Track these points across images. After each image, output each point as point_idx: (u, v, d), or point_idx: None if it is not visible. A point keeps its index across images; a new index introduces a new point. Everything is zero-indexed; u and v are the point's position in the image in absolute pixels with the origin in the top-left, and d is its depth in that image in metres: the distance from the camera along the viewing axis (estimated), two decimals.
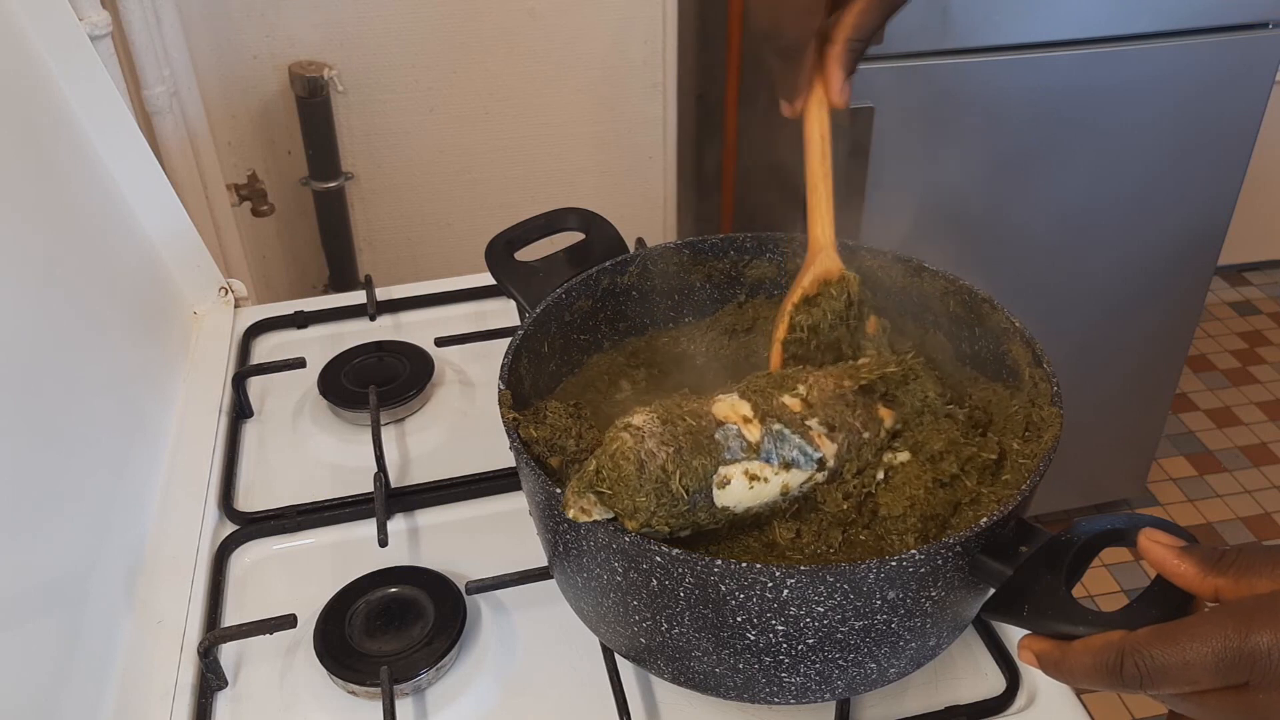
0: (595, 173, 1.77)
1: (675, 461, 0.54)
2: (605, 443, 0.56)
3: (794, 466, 0.58)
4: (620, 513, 0.54)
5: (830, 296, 0.68)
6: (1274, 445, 2.30)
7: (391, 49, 1.58)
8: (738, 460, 0.56)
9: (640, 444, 0.54)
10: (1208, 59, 1.58)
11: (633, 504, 0.53)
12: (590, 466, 0.55)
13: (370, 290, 1.04)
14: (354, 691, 0.66)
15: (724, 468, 0.56)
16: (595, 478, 0.54)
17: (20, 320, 0.69)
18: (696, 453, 0.55)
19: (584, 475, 0.54)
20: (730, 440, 0.56)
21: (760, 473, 0.57)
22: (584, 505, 0.54)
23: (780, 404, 0.59)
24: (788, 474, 0.58)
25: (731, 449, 0.56)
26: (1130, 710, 1.76)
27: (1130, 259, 1.75)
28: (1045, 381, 0.64)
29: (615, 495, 0.54)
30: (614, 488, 0.54)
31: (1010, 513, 0.54)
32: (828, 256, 0.68)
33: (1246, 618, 0.41)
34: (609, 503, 0.54)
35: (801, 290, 0.68)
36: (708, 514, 0.56)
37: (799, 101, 0.65)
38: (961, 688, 0.68)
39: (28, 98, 0.82)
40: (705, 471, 0.55)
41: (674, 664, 0.59)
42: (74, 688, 0.63)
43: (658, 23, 1.66)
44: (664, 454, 0.54)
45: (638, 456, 0.54)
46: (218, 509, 0.81)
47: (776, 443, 0.57)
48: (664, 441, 0.55)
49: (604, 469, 0.54)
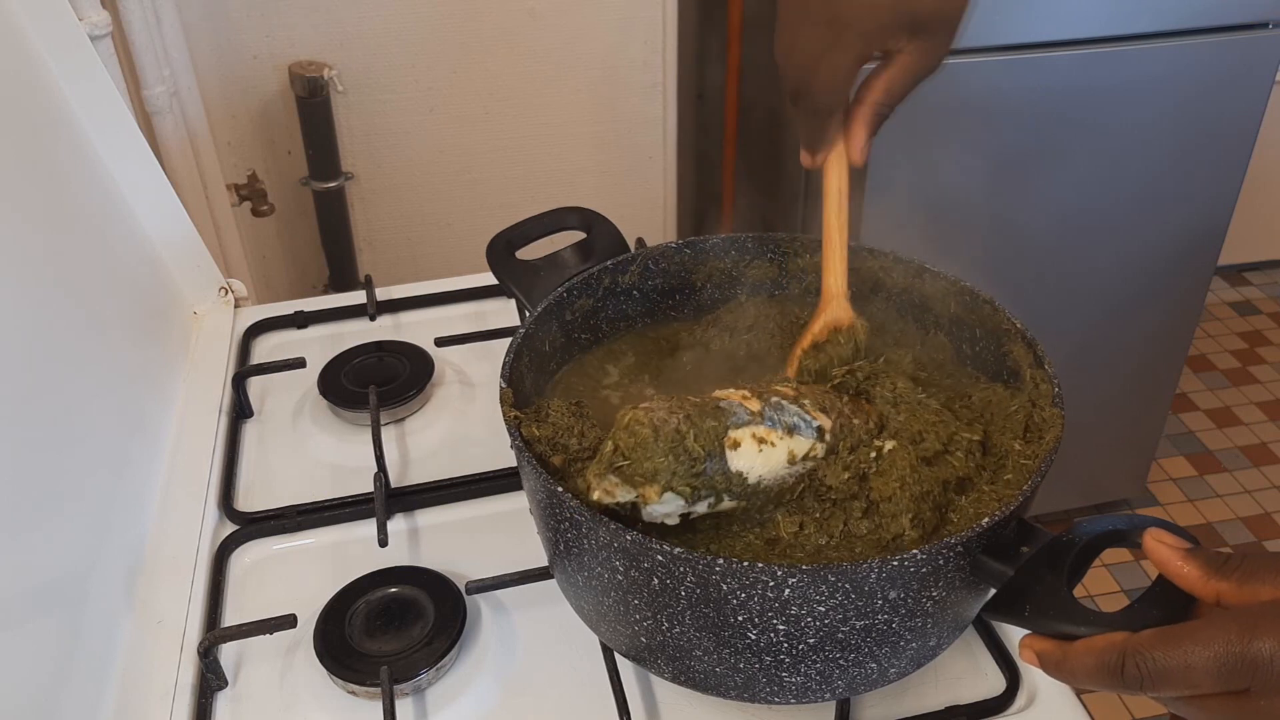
0: (595, 173, 1.77)
1: (687, 424, 0.56)
2: (616, 422, 0.57)
3: (796, 433, 0.60)
4: (641, 478, 0.55)
5: (838, 344, 0.70)
6: (1274, 445, 2.30)
7: (391, 49, 1.58)
8: (744, 424, 0.58)
9: (651, 414, 0.56)
10: (1208, 59, 1.58)
11: (652, 466, 0.55)
12: (607, 448, 0.56)
13: (370, 290, 1.04)
14: (354, 691, 0.66)
15: (733, 430, 0.58)
16: (614, 455, 0.56)
17: (20, 320, 0.69)
18: (705, 417, 0.57)
19: (602, 458, 0.56)
20: (735, 409, 0.59)
21: (767, 436, 0.58)
22: (606, 487, 0.56)
23: (774, 389, 0.62)
24: (791, 440, 0.59)
25: (737, 415, 0.58)
26: (1130, 711, 1.76)
27: (1130, 259, 1.75)
28: (1046, 382, 0.64)
29: (634, 462, 0.55)
30: (631, 454, 0.55)
31: (1011, 513, 0.54)
32: (839, 305, 0.70)
33: (1250, 624, 0.42)
34: (629, 473, 0.55)
35: (811, 336, 0.70)
36: (724, 479, 0.57)
37: (821, 156, 0.67)
38: (961, 688, 0.68)
39: (28, 98, 0.82)
40: (716, 432, 0.57)
41: (674, 663, 0.59)
42: (74, 688, 0.63)
43: (658, 23, 1.66)
44: (675, 419, 0.56)
45: (651, 422, 0.56)
46: (218, 509, 0.81)
47: (776, 411, 0.60)
48: (672, 411, 0.57)
49: (620, 442, 0.56)
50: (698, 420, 0.57)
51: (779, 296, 0.80)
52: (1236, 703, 0.42)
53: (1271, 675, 0.40)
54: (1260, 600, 0.43)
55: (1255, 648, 0.41)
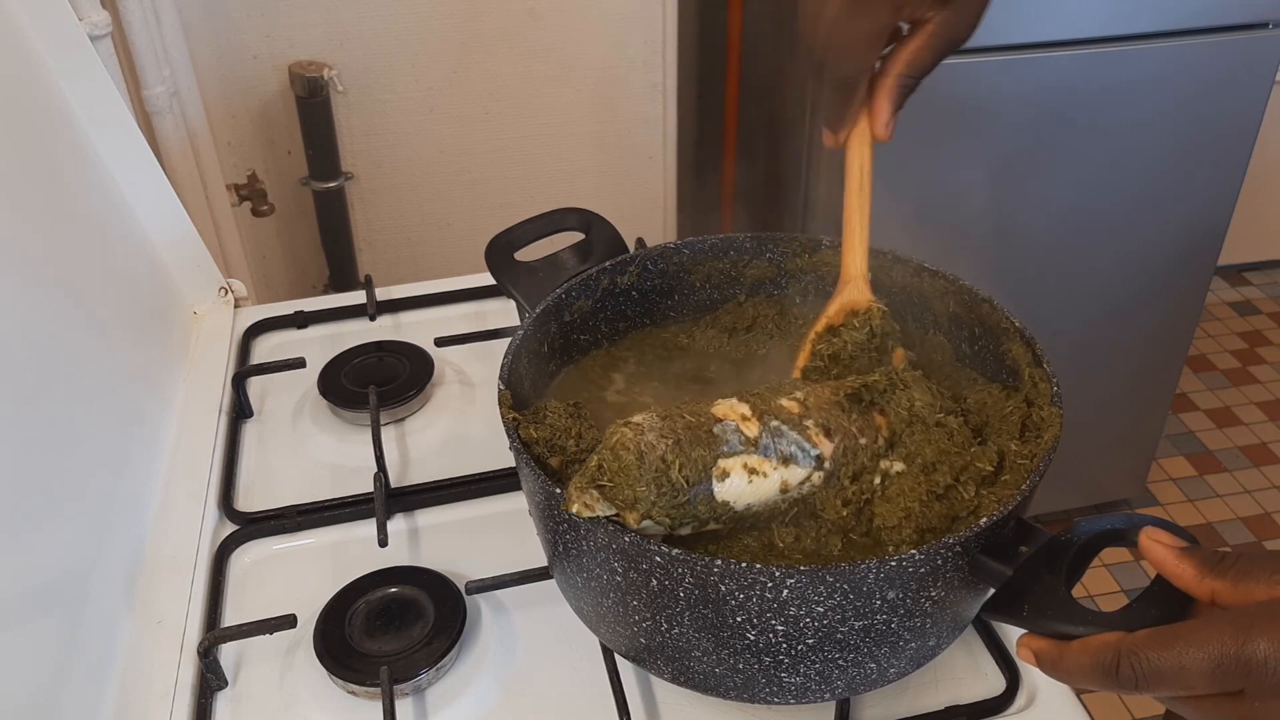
0: (595, 173, 1.77)
1: (675, 452, 0.55)
2: (605, 438, 0.56)
3: (792, 462, 0.58)
4: (621, 503, 0.54)
5: (853, 327, 0.68)
6: (1274, 445, 2.30)
7: (391, 49, 1.58)
8: (736, 453, 0.56)
9: (640, 436, 0.55)
10: (1208, 59, 1.58)
11: (633, 494, 0.54)
12: (592, 462, 0.55)
13: (370, 290, 1.04)
14: (354, 691, 0.66)
15: (723, 460, 0.56)
16: (597, 472, 0.55)
17: (20, 320, 0.69)
18: (695, 445, 0.56)
19: (586, 471, 0.55)
20: (729, 434, 0.57)
21: (759, 467, 0.57)
22: (587, 500, 0.55)
23: (778, 405, 0.60)
24: (786, 470, 0.58)
25: (730, 443, 0.57)
26: (1130, 711, 1.76)
27: (1130, 259, 1.75)
28: (1045, 382, 0.64)
29: (615, 486, 0.54)
30: (614, 479, 0.54)
31: (1010, 513, 0.54)
32: (856, 288, 0.68)
33: (1245, 625, 0.41)
34: (610, 495, 0.54)
35: (827, 319, 0.68)
36: (708, 507, 0.56)
37: (844, 133, 0.64)
38: (961, 688, 0.68)
39: (28, 98, 0.82)
40: (704, 463, 0.55)
41: (674, 664, 0.59)
42: (74, 688, 0.63)
43: (658, 23, 1.66)
44: (663, 445, 0.55)
45: (637, 447, 0.54)
46: (218, 509, 0.81)
47: (774, 438, 0.58)
48: (663, 434, 0.55)
49: (605, 462, 0.55)
50: (686, 449, 0.55)
51: (778, 296, 0.80)
52: (1232, 703, 0.42)
53: (1266, 677, 0.40)
54: (1255, 600, 0.43)
55: (1249, 649, 0.41)
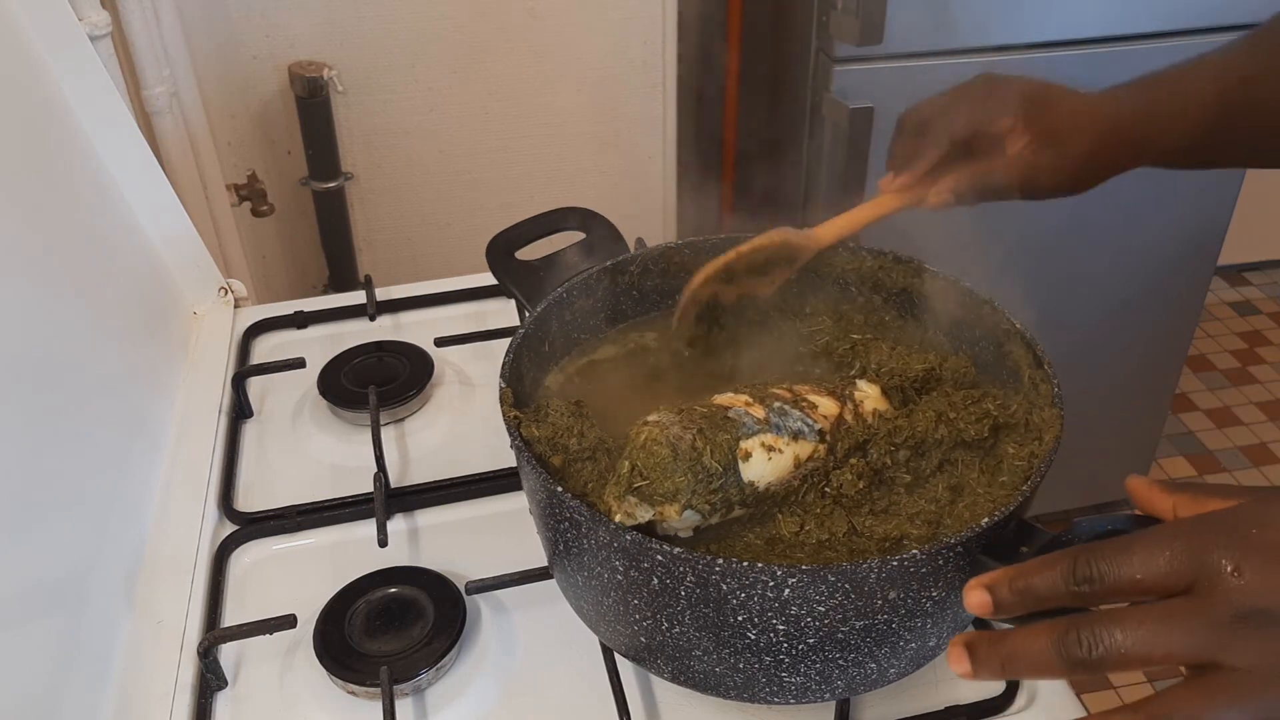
0: (595, 173, 1.77)
1: (702, 439, 0.56)
2: (630, 440, 0.57)
3: (800, 437, 0.59)
4: (661, 498, 0.55)
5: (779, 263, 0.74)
6: (1274, 445, 2.30)
7: (391, 49, 1.57)
8: (754, 433, 0.58)
9: (666, 430, 0.56)
10: None
11: (673, 485, 0.55)
12: (624, 468, 0.56)
13: (370, 290, 1.04)
14: (354, 691, 0.66)
15: (744, 441, 0.57)
16: (632, 474, 0.55)
17: (20, 321, 0.69)
18: (717, 430, 0.57)
19: (620, 479, 0.56)
20: (743, 418, 0.59)
21: (775, 444, 0.58)
22: (627, 509, 0.55)
23: (772, 392, 0.62)
24: (797, 445, 0.59)
25: (746, 424, 0.58)
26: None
27: (1130, 259, 1.75)
28: (1046, 382, 0.64)
29: (654, 482, 0.55)
30: (650, 474, 0.55)
31: (1011, 513, 0.54)
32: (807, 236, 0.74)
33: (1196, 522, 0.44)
34: (649, 493, 0.55)
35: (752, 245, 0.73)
36: (738, 491, 0.57)
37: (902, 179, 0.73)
38: (961, 688, 0.68)
39: (28, 98, 0.82)
40: (730, 445, 0.57)
41: (674, 663, 0.59)
42: (74, 688, 0.63)
43: (658, 23, 1.66)
44: (690, 435, 0.56)
45: (668, 440, 0.55)
46: (217, 509, 0.81)
47: (780, 417, 0.60)
48: (685, 426, 0.57)
49: (638, 462, 0.55)
50: (711, 435, 0.56)
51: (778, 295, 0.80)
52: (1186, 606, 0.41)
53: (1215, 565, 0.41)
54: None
55: (1200, 539, 0.42)
